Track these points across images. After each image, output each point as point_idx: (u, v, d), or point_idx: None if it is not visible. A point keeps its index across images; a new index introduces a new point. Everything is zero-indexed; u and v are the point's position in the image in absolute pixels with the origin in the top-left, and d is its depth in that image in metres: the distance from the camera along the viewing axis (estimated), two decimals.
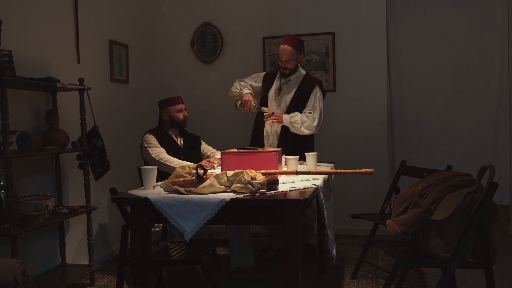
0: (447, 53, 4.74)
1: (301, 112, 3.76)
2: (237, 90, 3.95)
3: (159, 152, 3.48)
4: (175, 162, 3.40)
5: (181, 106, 3.70)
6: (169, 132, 3.69)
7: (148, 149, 3.50)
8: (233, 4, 4.97)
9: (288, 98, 3.82)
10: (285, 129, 3.79)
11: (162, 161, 3.40)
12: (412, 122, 4.85)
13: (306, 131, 3.73)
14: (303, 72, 3.92)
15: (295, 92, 3.81)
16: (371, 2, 4.65)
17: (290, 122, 3.72)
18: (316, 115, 3.74)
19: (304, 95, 3.79)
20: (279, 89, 3.85)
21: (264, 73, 4.11)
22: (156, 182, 2.51)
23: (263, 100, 3.91)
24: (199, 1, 5.05)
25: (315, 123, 3.74)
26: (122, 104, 4.41)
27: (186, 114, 3.73)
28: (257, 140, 3.93)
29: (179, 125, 3.70)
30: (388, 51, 4.75)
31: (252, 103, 3.78)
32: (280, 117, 3.72)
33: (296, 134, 3.75)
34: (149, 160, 3.49)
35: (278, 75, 3.90)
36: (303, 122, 3.71)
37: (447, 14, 4.71)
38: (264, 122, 3.83)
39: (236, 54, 4.96)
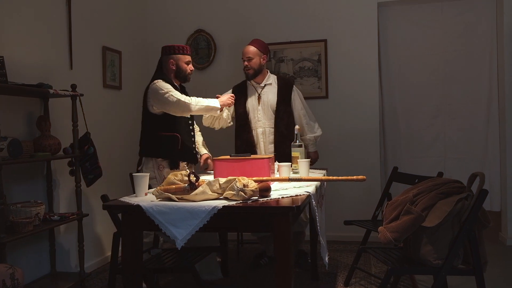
0: (437, 60, 4.79)
1: (287, 112, 3.81)
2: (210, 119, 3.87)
3: (181, 95, 3.19)
4: (210, 101, 3.29)
5: (190, 58, 3.44)
6: (174, 83, 3.36)
7: (170, 93, 3.16)
8: (226, 11, 4.99)
9: (272, 103, 3.82)
10: (279, 140, 3.79)
11: (199, 103, 3.21)
12: (404, 129, 4.89)
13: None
14: (274, 75, 3.98)
15: (278, 96, 3.83)
16: (363, 10, 4.69)
17: (316, 145, 3.96)
18: (314, 121, 3.94)
19: (285, 96, 3.85)
20: (259, 97, 3.87)
21: (230, 90, 3.98)
22: (149, 188, 2.51)
23: (243, 113, 3.86)
24: (192, 8, 5.06)
25: (319, 131, 3.95)
26: (114, 110, 4.40)
27: (193, 68, 3.47)
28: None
29: (184, 78, 3.40)
30: (379, 59, 4.79)
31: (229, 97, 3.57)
32: (316, 155, 3.96)
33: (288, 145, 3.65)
34: (172, 105, 3.17)
35: (248, 85, 3.91)
36: (316, 138, 3.93)
37: (437, 22, 4.76)
38: (253, 135, 3.84)
39: (229, 60, 4.97)
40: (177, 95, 3.18)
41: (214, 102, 3.34)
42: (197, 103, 3.23)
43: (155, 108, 3.27)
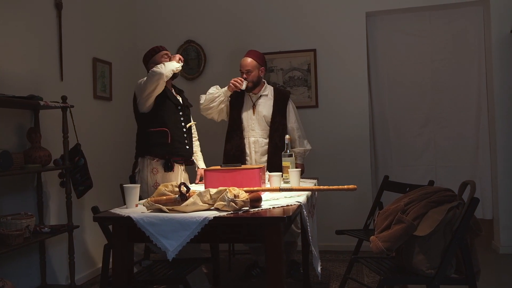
0: (426, 69, 4.84)
1: (282, 124, 3.81)
2: (216, 90, 3.88)
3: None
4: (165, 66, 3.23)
5: (165, 52, 3.47)
6: (166, 86, 3.38)
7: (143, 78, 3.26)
8: (216, 22, 5.01)
9: (267, 115, 3.83)
10: (272, 151, 3.79)
11: (163, 66, 3.20)
12: (394, 137, 4.91)
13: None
14: (271, 87, 3.99)
15: (274, 108, 3.84)
16: (351, 19, 4.73)
17: (304, 158, 3.94)
18: (304, 138, 3.93)
19: (281, 108, 3.86)
20: (253, 107, 3.88)
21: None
22: (139, 200, 2.49)
23: (237, 119, 3.87)
24: (182, 19, 5.08)
25: (308, 146, 3.94)
26: (105, 121, 4.38)
27: (183, 59, 3.50)
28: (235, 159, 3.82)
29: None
30: (368, 68, 4.82)
31: (240, 79, 3.73)
32: (302, 167, 3.86)
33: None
34: (148, 81, 3.21)
35: (245, 93, 3.91)
36: (305, 151, 3.91)
37: (425, 31, 4.81)
38: (245, 143, 3.83)
39: (219, 71, 4.98)
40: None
41: (171, 63, 3.31)
42: (161, 67, 3.22)
43: (144, 103, 3.30)
